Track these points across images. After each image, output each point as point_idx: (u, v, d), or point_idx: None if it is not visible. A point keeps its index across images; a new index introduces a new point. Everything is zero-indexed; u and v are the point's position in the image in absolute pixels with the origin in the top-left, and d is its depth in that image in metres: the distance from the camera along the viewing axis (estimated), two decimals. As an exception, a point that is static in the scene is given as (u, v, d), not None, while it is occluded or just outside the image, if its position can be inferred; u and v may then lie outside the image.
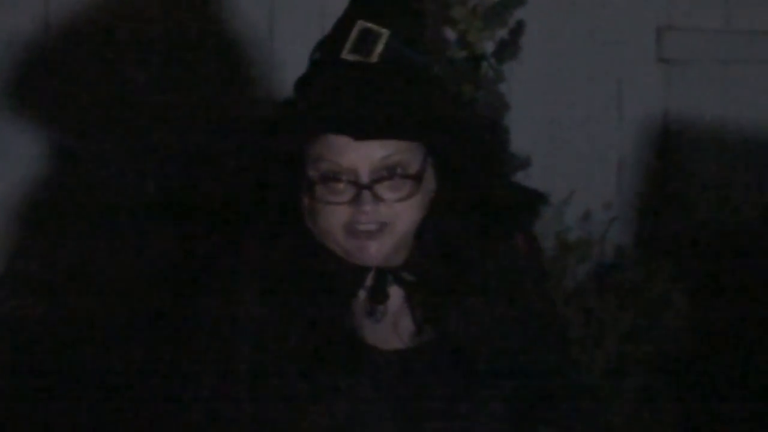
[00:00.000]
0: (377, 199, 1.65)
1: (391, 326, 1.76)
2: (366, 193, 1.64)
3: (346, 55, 1.66)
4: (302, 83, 1.74)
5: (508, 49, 3.69)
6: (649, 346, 3.65)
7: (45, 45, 3.82)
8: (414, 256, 1.76)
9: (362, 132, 1.64)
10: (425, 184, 1.71)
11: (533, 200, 1.89)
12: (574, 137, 4.07)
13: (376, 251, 1.68)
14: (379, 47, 1.65)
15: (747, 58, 4.16)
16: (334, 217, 1.67)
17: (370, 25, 1.66)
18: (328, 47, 1.71)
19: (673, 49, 4.13)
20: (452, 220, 1.76)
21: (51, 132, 3.85)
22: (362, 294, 1.76)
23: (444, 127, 1.71)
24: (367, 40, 1.66)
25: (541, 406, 1.78)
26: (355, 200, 1.65)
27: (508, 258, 1.81)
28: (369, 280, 1.76)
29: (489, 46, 3.69)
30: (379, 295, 1.75)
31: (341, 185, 1.66)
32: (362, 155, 1.65)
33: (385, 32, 1.65)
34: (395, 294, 1.77)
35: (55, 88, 3.79)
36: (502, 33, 3.68)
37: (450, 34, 3.70)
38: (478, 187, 1.76)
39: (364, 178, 1.64)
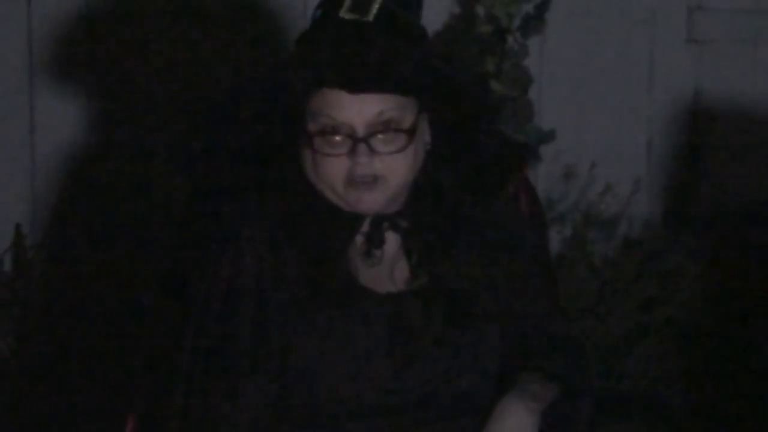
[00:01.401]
0: (372, 151, 1.70)
1: (387, 271, 1.81)
2: (362, 146, 1.69)
3: (344, 13, 1.71)
4: (302, 40, 1.79)
5: (533, 23, 3.68)
6: (664, 315, 3.65)
7: (86, 31, 3.81)
8: (410, 204, 1.81)
9: (357, 86, 1.69)
10: (419, 137, 1.77)
11: (522, 152, 2.01)
12: (602, 114, 4.04)
13: (373, 201, 1.74)
14: (375, 7, 1.70)
15: None
16: (333, 169, 1.73)
17: None
18: (327, 6, 1.76)
19: (704, 29, 4.07)
20: (446, 171, 1.81)
21: (93, 114, 3.86)
22: (359, 240, 1.81)
23: (435, 82, 1.75)
24: (362, 1, 1.72)
25: (527, 352, 1.83)
26: (352, 152, 1.70)
27: (503, 209, 1.89)
28: (366, 227, 1.81)
29: (516, 21, 3.68)
30: (375, 240, 1.80)
31: (339, 138, 1.71)
32: (358, 110, 1.70)
33: None
34: (391, 240, 1.82)
35: (95, 69, 3.81)
36: (528, 8, 3.67)
37: (478, 9, 3.69)
38: (469, 140, 1.82)
39: (360, 132, 1.69)
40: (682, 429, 3.50)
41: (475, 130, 1.85)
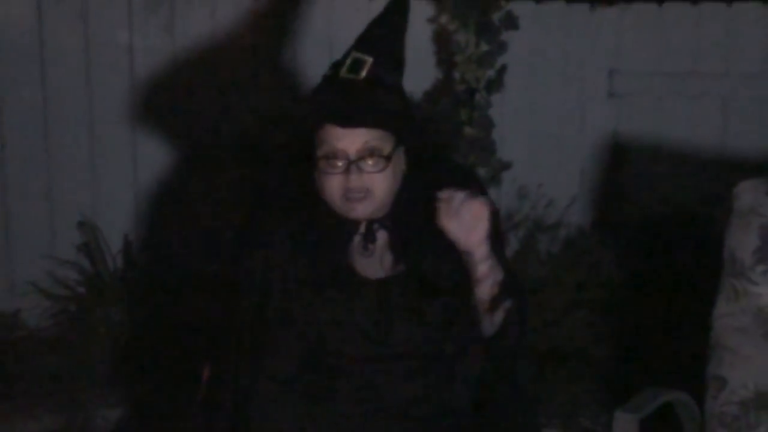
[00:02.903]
0: (360, 170, 1.90)
1: (377, 261, 2.00)
2: (353, 166, 1.89)
3: (344, 74, 1.93)
4: (315, 90, 1.99)
5: (494, 84, 4.04)
6: (591, 294, 4.01)
7: (173, 69, 4.14)
8: (394, 212, 1.99)
9: (349, 122, 1.89)
10: (397, 163, 1.96)
11: (469, 175, 2.22)
12: (546, 149, 4.38)
13: (362, 210, 1.94)
14: (364, 70, 1.92)
15: (675, 93, 4.41)
16: (333, 183, 1.91)
17: (360, 55, 1.92)
18: (334, 68, 1.96)
19: (620, 87, 4.44)
20: (417, 189, 2.00)
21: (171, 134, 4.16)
22: (357, 239, 1.99)
23: (402, 120, 1.96)
24: (358, 65, 1.92)
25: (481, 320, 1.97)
26: (347, 171, 1.89)
27: None
28: (362, 229, 1.99)
29: (482, 82, 4.01)
30: (369, 237, 1.99)
31: (337, 161, 1.90)
32: (350, 140, 1.90)
33: (369, 60, 1.92)
34: (381, 237, 2.01)
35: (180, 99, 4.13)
36: (491, 73, 4.01)
37: (455, 73, 4.04)
38: (431, 167, 2.04)
39: (352, 156, 1.90)
40: (604, 374, 3.61)
41: (436, 159, 2.09)
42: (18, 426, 3.38)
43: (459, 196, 1.87)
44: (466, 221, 1.87)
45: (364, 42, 1.95)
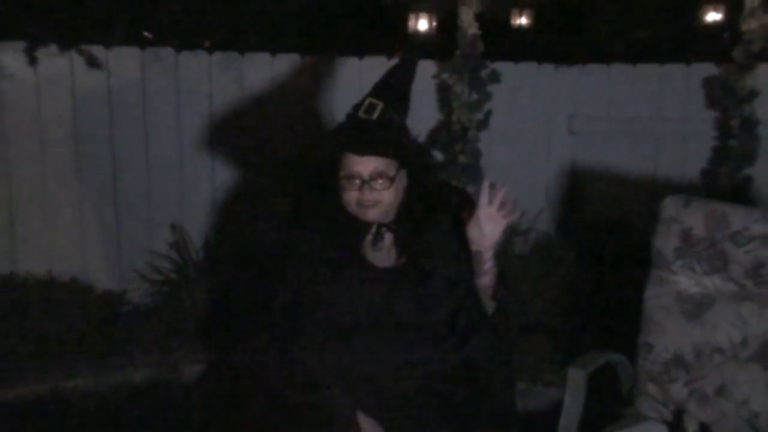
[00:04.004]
0: (371, 188, 1.88)
1: (385, 254, 1.96)
2: (366, 185, 1.87)
3: (361, 114, 1.89)
4: (339, 126, 1.94)
5: (482, 124, 4.01)
6: (554, 281, 3.96)
7: (241, 105, 4.03)
8: (398, 217, 1.96)
9: (363, 153, 1.87)
10: (399, 181, 1.93)
11: (457, 192, 2.15)
12: (521, 172, 4.33)
13: (372, 215, 1.91)
14: (377, 112, 1.88)
15: (619, 132, 4.39)
16: (351, 198, 1.90)
17: (374, 100, 1.89)
18: (354, 109, 1.91)
19: (578, 127, 4.43)
20: (416, 200, 1.97)
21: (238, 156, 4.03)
22: (369, 238, 1.97)
23: (406, 152, 1.93)
24: (372, 108, 1.88)
25: (468, 299, 1.93)
26: (360, 188, 1.88)
27: (450, 221, 1.98)
28: (373, 230, 1.97)
29: (473, 122, 3.98)
30: (378, 236, 1.97)
31: (354, 180, 1.88)
32: (364, 165, 1.88)
33: (380, 104, 1.88)
34: (387, 237, 1.97)
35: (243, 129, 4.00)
36: (480, 115, 3.98)
37: (453, 116, 3.98)
38: (427, 185, 1.99)
39: (365, 177, 1.88)
40: (563, 342, 3.50)
41: (431, 179, 2.01)
42: (126, 376, 3.36)
43: (487, 209, 1.86)
44: (487, 229, 1.87)
45: (378, 90, 1.91)
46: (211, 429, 2.97)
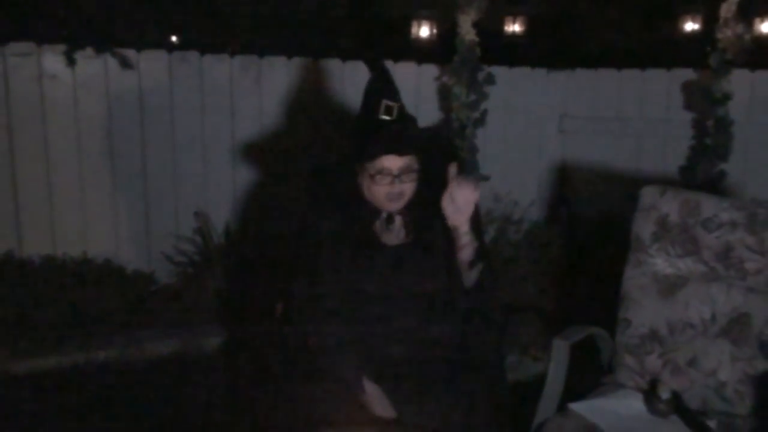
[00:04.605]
0: (401, 182, 1.88)
1: (395, 234, 1.97)
2: (396, 180, 1.87)
3: (380, 116, 1.85)
4: (364, 129, 1.88)
5: (479, 122, 3.98)
6: (543, 264, 3.94)
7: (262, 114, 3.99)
8: (408, 203, 1.95)
9: (393, 152, 1.87)
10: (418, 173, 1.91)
11: (455, 157, 2.15)
12: (514, 167, 4.38)
13: (398, 205, 1.93)
14: (395, 112, 1.85)
15: (605, 132, 4.34)
16: (381, 191, 1.89)
17: (389, 102, 1.84)
18: (369, 112, 1.87)
19: (567, 126, 4.45)
20: (422, 188, 1.94)
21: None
22: (381, 219, 1.97)
23: (424, 146, 1.92)
24: (389, 109, 1.84)
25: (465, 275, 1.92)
26: (391, 183, 1.88)
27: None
28: (385, 214, 1.97)
29: (471, 120, 3.95)
30: (390, 219, 1.97)
31: (384, 176, 1.87)
32: (395, 163, 1.87)
33: (396, 105, 1.84)
34: (397, 219, 1.98)
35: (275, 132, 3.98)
36: (476, 114, 3.94)
37: (453, 115, 3.95)
38: (439, 176, 1.92)
39: (395, 172, 1.87)
40: (550, 320, 3.49)
41: (442, 171, 1.92)
42: (152, 348, 3.37)
43: (457, 184, 1.82)
44: (459, 203, 1.84)
45: (389, 92, 1.86)
46: (231, 396, 2.95)
